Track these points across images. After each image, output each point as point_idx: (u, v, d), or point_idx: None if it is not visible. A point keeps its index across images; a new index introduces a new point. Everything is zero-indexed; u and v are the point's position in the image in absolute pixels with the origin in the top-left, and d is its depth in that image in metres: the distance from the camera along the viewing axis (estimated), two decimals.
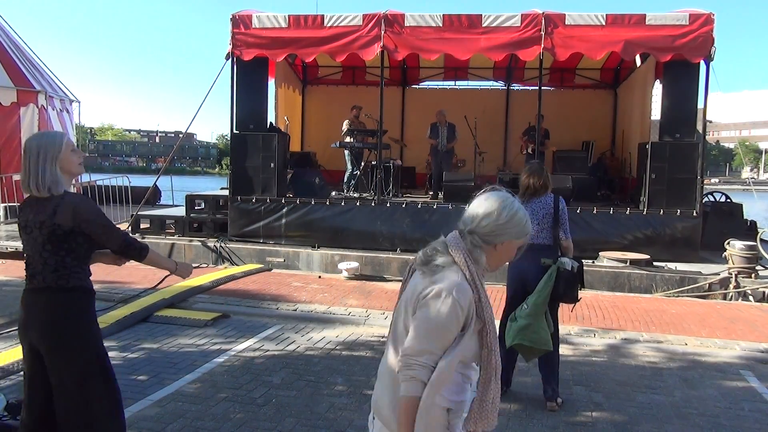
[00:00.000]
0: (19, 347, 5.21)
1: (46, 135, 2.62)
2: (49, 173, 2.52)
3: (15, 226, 11.89)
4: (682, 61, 8.94)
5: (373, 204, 9.86)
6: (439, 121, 11.22)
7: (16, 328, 5.24)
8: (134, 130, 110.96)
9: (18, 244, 9.45)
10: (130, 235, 2.76)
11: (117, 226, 2.69)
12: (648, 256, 8.77)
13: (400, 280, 2.12)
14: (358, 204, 9.91)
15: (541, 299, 4.03)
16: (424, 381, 1.75)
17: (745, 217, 11.11)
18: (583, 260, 4.34)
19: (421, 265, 1.88)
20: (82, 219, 2.54)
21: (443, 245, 1.89)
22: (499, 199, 1.90)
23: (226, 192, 10.93)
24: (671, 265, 8.65)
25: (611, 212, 9.39)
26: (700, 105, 9.43)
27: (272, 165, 9.98)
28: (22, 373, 4.58)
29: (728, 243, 8.26)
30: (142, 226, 10.84)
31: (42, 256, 2.57)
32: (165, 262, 2.87)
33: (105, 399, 2.64)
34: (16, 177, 12.50)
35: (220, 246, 9.77)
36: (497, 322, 2.32)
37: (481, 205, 1.90)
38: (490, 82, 14.52)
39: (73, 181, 13.12)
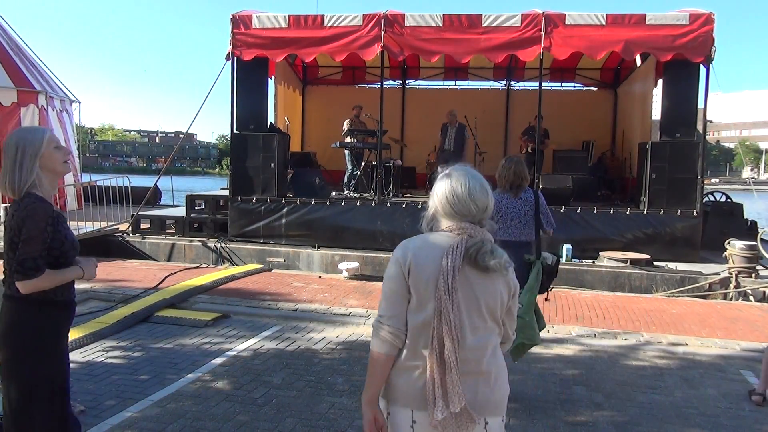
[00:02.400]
0: None
1: (26, 131, 2.41)
2: (25, 172, 2.31)
3: None
4: (683, 61, 8.94)
5: (373, 204, 9.86)
6: (450, 122, 11.25)
7: None
8: (134, 131, 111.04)
9: None
10: (38, 259, 2.29)
11: (38, 245, 2.30)
12: (648, 256, 8.77)
13: None
14: (358, 204, 9.91)
15: (534, 296, 4.11)
16: None
17: (745, 217, 11.11)
18: (583, 260, 4.36)
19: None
20: (16, 222, 2.31)
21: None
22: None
23: (226, 192, 10.95)
24: (671, 265, 8.65)
25: (611, 212, 9.39)
26: (701, 105, 9.43)
27: (272, 165, 9.99)
28: None
29: (728, 243, 8.26)
30: (143, 226, 10.85)
31: (8, 262, 2.36)
32: (69, 273, 2.42)
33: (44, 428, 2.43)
34: None
35: (221, 246, 9.78)
36: None
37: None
38: (490, 82, 14.53)
39: (74, 182, 13.18)
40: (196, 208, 10.91)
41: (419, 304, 1.89)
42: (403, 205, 9.76)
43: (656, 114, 10.26)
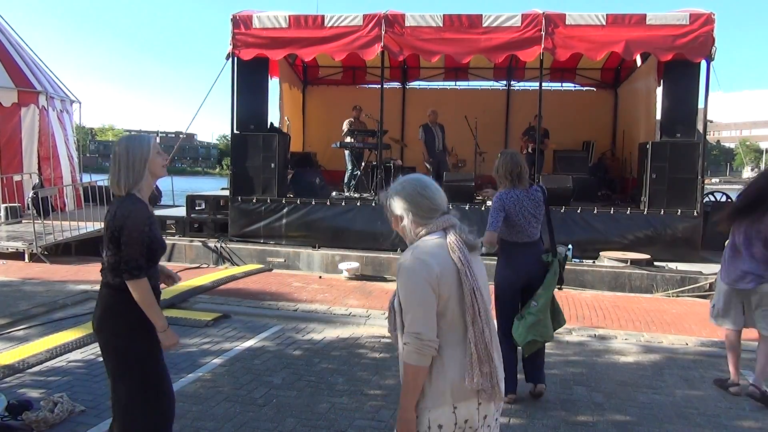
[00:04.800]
0: (25, 345, 5.21)
1: (135, 138, 2.71)
2: (136, 174, 2.61)
3: (15, 226, 11.87)
4: (683, 61, 8.94)
5: (373, 204, 9.85)
6: (431, 121, 11.23)
7: (16, 328, 5.25)
8: (135, 131, 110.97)
9: (18, 245, 9.46)
10: (140, 259, 2.57)
11: (139, 246, 2.57)
12: (648, 256, 8.77)
13: None
14: (358, 204, 9.91)
15: (550, 293, 4.15)
16: None
17: None
18: (583, 260, 4.38)
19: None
20: (118, 221, 2.58)
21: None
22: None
23: (226, 192, 10.94)
24: (672, 265, 8.65)
25: (612, 212, 9.38)
26: (701, 105, 9.43)
27: (273, 165, 9.98)
28: (27, 371, 4.60)
29: None
30: None
31: (107, 254, 2.65)
32: (158, 314, 2.68)
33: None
34: (17, 177, 12.51)
35: (221, 246, 9.78)
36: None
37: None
38: (491, 83, 14.52)
39: (77, 183, 13.19)
40: (197, 208, 10.90)
41: (445, 306, 1.99)
42: None
43: (658, 114, 10.26)
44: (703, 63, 9.02)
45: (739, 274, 4.40)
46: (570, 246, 8.70)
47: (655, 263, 8.68)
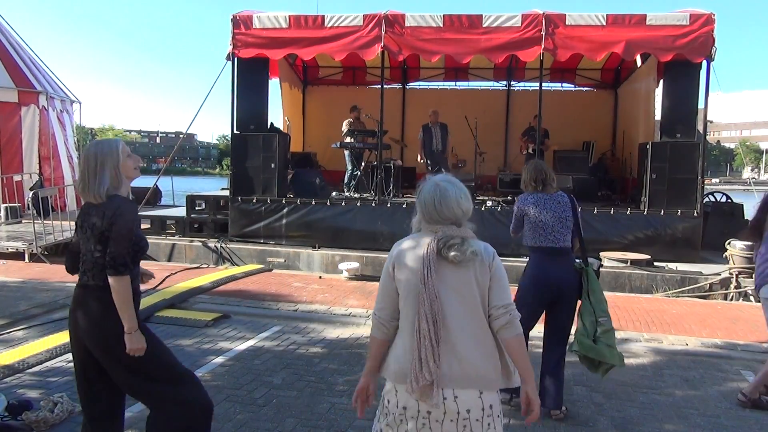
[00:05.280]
0: (25, 346, 5.21)
1: (103, 143, 2.73)
2: (108, 179, 2.63)
3: (15, 226, 11.86)
4: (683, 62, 8.94)
5: (373, 204, 9.86)
6: (432, 122, 11.23)
7: (16, 328, 5.23)
8: (135, 131, 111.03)
9: (18, 245, 9.47)
10: (126, 257, 2.59)
11: (126, 243, 2.61)
12: (649, 257, 8.77)
13: None
14: (358, 204, 9.91)
15: (600, 299, 3.92)
16: None
17: (745, 218, 11.09)
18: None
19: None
20: (107, 220, 2.60)
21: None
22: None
23: (226, 192, 10.95)
24: (672, 266, 8.65)
25: (612, 212, 9.39)
26: (701, 105, 9.43)
27: (273, 165, 9.99)
28: (27, 371, 4.60)
29: (729, 243, 8.26)
30: (143, 226, 10.82)
31: (93, 256, 2.63)
32: (130, 313, 2.62)
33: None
34: (17, 178, 12.52)
35: (221, 246, 9.78)
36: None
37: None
38: (491, 83, 14.53)
39: (73, 182, 13.18)
40: (197, 208, 10.91)
41: (404, 296, 2.23)
42: (404, 206, 9.76)
43: (658, 114, 10.27)
44: (704, 63, 9.02)
45: None
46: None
47: (655, 263, 8.68)
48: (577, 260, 4.06)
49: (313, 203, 9.88)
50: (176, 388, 2.71)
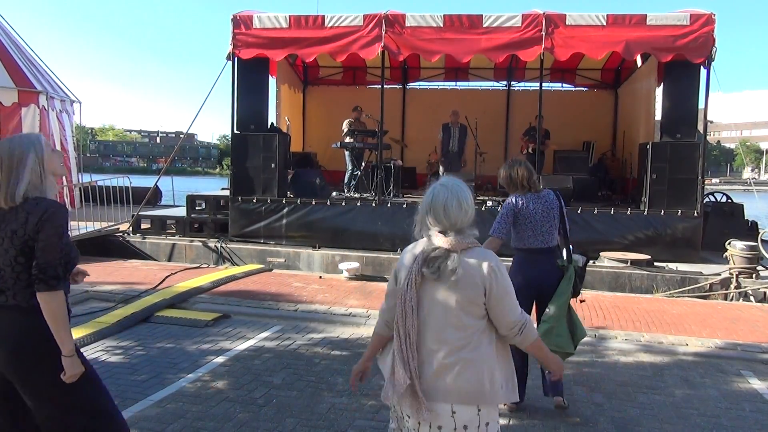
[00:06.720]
0: None
1: (22, 138, 2.36)
2: (28, 178, 2.29)
3: None
4: (683, 62, 8.93)
5: (373, 204, 9.86)
6: (452, 122, 11.24)
7: None
8: (135, 131, 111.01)
9: None
10: (59, 267, 2.23)
11: (58, 252, 2.25)
12: (649, 257, 8.77)
13: None
14: (358, 204, 9.91)
15: (564, 302, 3.91)
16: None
17: (746, 218, 11.10)
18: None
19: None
20: (32, 226, 2.24)
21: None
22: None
23: (226, 192, 10.94)
24: (672, 266, 8.64)
25: (612, 213, 9.38)
26: (701, 105, 9.42)
27: (273, 165, 9.98)
28: None
29: (729, 243, 8.25)
30: (143, 226, 10.85)
31: (14, 270, 2.26)
32: (67, 334, 2.26)
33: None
34: None
35: (221, 246, 9.78)
36: None
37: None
38: (491, 83, 14.53)
39: (76, 182, 13.19)
40: (197, 208, 10.91)
41: (401, 297, 2.23)
42: (404, 206, 9.75)
43: (658, 114, 10.26)
44: (704, 64, 9.02)
45: None
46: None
47: (656, 264, 8.68)
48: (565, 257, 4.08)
49: (313, 203, 9.88)
50: (93, 422, 2.37)
